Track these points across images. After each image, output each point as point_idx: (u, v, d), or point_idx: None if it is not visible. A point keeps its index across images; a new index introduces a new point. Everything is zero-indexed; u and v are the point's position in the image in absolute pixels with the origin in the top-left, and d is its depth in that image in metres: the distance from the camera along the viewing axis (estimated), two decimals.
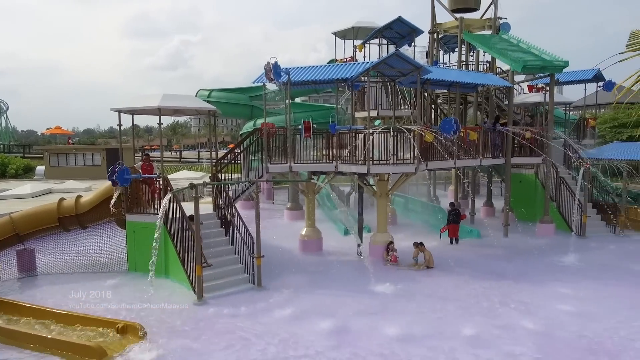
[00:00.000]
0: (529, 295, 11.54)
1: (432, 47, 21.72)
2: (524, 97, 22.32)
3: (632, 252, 15.67)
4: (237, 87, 29.28)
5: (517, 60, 16.72)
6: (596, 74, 21.21)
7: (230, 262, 12.55)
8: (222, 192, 13.83)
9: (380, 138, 13.97)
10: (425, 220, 19.89)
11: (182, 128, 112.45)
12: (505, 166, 18.14)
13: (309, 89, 22.75)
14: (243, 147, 14.91)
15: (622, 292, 11.75)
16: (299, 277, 13.02)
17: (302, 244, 16.03)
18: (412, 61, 14.15)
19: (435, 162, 15.22)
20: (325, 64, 20.20)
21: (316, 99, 49.64)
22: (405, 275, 13.23)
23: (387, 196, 15.26)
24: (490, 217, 21.58)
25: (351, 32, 24.20)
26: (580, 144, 20.80)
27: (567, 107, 24.89)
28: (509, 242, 17.02)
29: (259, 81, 15.14)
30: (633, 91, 4.40)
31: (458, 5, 20.96)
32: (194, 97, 16.47)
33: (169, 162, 48.18)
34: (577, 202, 17.51)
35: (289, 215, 21.86)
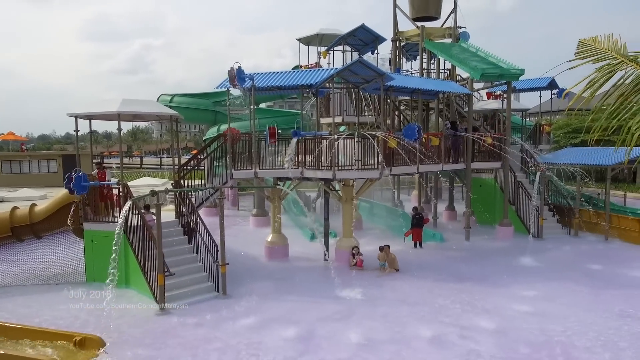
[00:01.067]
0: (489, 296, 11.85)
1: (395, 54, 22.12)
2: (482, 104, 23.04)
3: (586, 252, 16.38)
4: (200, 93, 28.90)
5: (476, 69, 17.24)
6: (550, 82, 22.14)
7: (193, 271, 12.29)
8: (185, 199, 13.56)
9: (345, 144, 14.09)
10: (389, 224, 20.14)
11: (143, 134, 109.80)
12: (466, 171, 18.63)
13: (273, 95, 22.70)
14: (207, 153, 14.70)
15: (577, 291, 12.24)
16: (265, 284, 12.91)
17: (267, 251, 15.91)
18: (375, 68, 14.36)
19: (399, 168, 15.46)
20: (290, 69, 20.25)
21: (281, 104, 49.61)
22: (371, 279, 13.33)
23: (352, 201, 15.37)
24: (452, 220, 22.08)
25: (315, 38, 24.37)
26: (537, 149, 21.61)
27: (523, 113, 25.86)
28: (471, 245, 17.45)
29: (222, 86, 14.99)
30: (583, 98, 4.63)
31: (419, 14, 21.44)
32: (155, 102, 16.12)
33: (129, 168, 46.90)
34: (534, 206, 18.16)
35: (255, 221, 21.66)
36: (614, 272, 13.83)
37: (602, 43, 4.62)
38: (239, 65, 13.34)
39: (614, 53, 4.53)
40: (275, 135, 14.30)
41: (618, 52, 4.53)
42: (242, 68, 13.43)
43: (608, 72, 4.49)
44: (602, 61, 4.55)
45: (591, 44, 4.67)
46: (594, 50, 4.61)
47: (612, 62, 4.49)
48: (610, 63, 4.49)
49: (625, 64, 4.47)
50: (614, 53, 4.53)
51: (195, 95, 28.73)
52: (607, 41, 4.61)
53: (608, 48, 4.56)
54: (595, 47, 4.61)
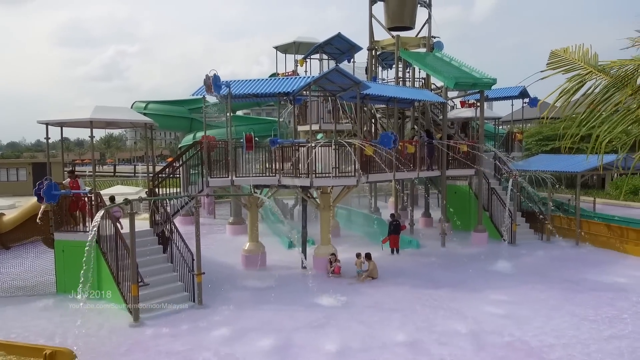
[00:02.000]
0: (465, 301, 12.01)
1: (371, 63, 22.36)
2: (457, 112, 23.46)
3: (558, 257, 16.78)
4: (176, 100, 28.61)
5: (450, 78, 17.57)
6: (522, 91, 22.72)
7: (168, 280, 12.08)
8: (159, 208, 13.34)
9: (323, 151, 14.13)
10: (367, 231, 20.24)
11: (116, 141, 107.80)
12: (441, 178, 18.90)
13: (250, 102, 22.63)
14: (182, 161, 14.52)
15: (550, 295, 12.51)
16: (242, 293, 12.77)
17: (244, 259, 15.76)
18: (351, 77, 14.48)
19: (376, 175, 15.58)
20: (267, 77, 20.24)
21: (259, 112, 49.47)
22: (349, 286, 13.35)
23: (330, 209, 15.39)
24: (428, 227, 22.33)
25: (292, 46, 24.44)
26: (509, 156, 22.10)
27: (496, 121, 26.42)
28: (446, 251, 17.68)
29: (198, 93, 14.88)
30: (559, 107, 4.78)
31: (394, 24, 21.75)
32: (129, 109, 15.86)
33: (102, 176, 45.89)
34: (507, 212, 18.53)
35: (231, 230, 21.45)
36: (585, 276, 14.19)
37: (573, 54, 4.78)
38: (215, 73, 13.26)
39: (583, 64, 4.69)
40: (252, 142, 14.24)
41: (588, 62, 4.69)
42: (218, 75, 13.36)
43: (578, 82, 4.65)
44: (572, 71, 4.70)
45: (562, 55, 4.82)
46: (564, 61, 4.77)
47: (581, 72, 4.65)
48: (580, 73, 4.65)
49: (595, 74, 4.63)
50: (583, 64, 4.69)
51: (170, 103, 28.41)
52: (578, 52, 4.77)
53: (578, 59, 4.72)
54: (566, 57, 4.77)
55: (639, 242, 16.84)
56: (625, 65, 4.52)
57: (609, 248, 17.52)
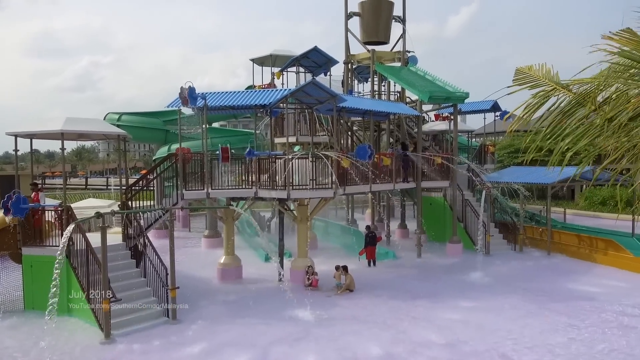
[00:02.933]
0: (441, 312, 12.10)
1: (347, 76, 22.60)
2: (431, 125, 23.87)
3: (531, 267, 17.11)
4: (150, 111, 28.30)
5: (424, 91, 17.89)
6: (493, 105, 23.30)
7: (141, 296, 11.79)
8: (132, 221, 13.07)
9: (300, 163, 14.14)
10: (344, 243, 20.26)
11: (88, 153, 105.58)
12: (416, 190, 19.12)
13: (227, 114, 22.55)
14: (156, 173, 14.31)
15: (524, 304, 12.71)
16: (217, 307, 12.57)
17: (220, 273, 15.54)
18: (328, 90, 14.61)
19: (352, 187, 15.65)
20: (244, 89, 20.22)
21: (235, 124, 49.27)
22: (326, 299, 13.29)
23: (307, 221, 15.37)
24: (404, 238, 22.49)
25: (269, 59, 24.55)
26: (482, 168, 22.55)
27: (469, 134, 26.97)
28: (422, 262, 17.82)
29: (173, 105, 14.74)
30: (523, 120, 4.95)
31: (369, 39, 22.09)
32: (102, 121, 15.62)
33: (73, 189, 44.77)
34: (481, 223, 18.85)
35: (207, 243, 21.16)
36: (558, 286, 14.49)
37: (537, 71, 4.98)
38: (190, 85, 13.19)
39: (547, 80, 4.88)
40: (228, 154, 14.15)
41: (551, 79, 4.89)
42: (193, 87, 13.28)
43: (542, 97, 4.83)
44: (537, 87, 4.89)
45: (527, 72, 5.02)
46: (529, 77, 4.96)
47: (546, 88, 4.84)
48: (544, 89, 4.83)
49: (558, 90, 4.82)
50: (547, 80, 4.88)
51: (145, 114, 28.06)
52: (542, 69, 4.97)
53: (542, 76, 4.92)
54: (530, 74, 4.97)
55: (607, 252, 17.33)
56: (586, 83, 4.73)
57: (580, 258, 17.97)
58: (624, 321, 11.31)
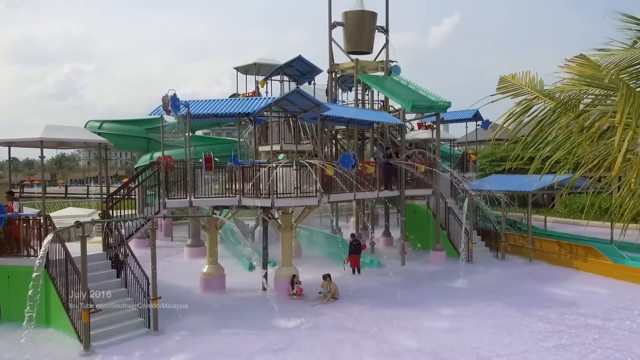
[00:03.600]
0: (425, 319, 12.14)
1: (331, 85, 22.72)
2: (414, 134, 24.10)
3: (513, 274, 17.29)
4: (132, 119, 27.96)
5: (407, 101, 18.07)
6: (475, 114, 23.65)
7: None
8: (113, 230, 12.86)
9: (284, 172, 14.11)
10: (329, 251, 20.22)
11: (68, 161, 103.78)
12: (400, 198, 19.23)
13: (210, 122, 22.41)
14: (138, 182, 14.12)
15: (507, 311, 12.83)
16: (200, 317, 12.40)
17: (203, 282, 15.35)
18: (312, 98, 14.65)
19: (337, 195, 15.67)
20: (228, 97, 20.16)
21: (219, 132, 49.03)
22: (311, 308, 13.22)
23: (291, 229, 15.31)
24: (388, 246, 22.55)
25: (253, 67, 24.52)
26: (464, 176, 22.80)
27: (451, 143, 27.29)
28: (406, 270, 17.88)
29: (156, 113, 14.61)
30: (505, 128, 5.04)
31: (353, 49, 22.27)
32: (83, 129, 15.39)
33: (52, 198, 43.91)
34: (464, 230, 19.02)
35: (189, 252, 20.90)
36: (539, 292, 14.67)
37: (521, 79, 5.07)
38: (173, 93, 13.10)
39: (530, 89, 4.98)
40: (211, 163, 14.06)
41: (534, 87, 4.98)
42: (176, 95, 13.19)
43: (525, 106, 4.92)
44: (520, 96, 4.98)
45: (510, 81, 5.11)
46: (512, 86, 5.05)
47: (528, 97, 4.93)
48: (527, 98, 4.93)
49: (540, 99, 4.92)
50: (530, 89, 4.98)
51: (126, 122, 27.72)
52: (525, 77, 5.06)
53: (526, 84, 5.01)
54: (514, 83, 5.06)
55: (587, 259, 17.63)
56: (567, 91, 4.83)
57: (560, 264, 18.23)
58: (604, 326, 11.49)
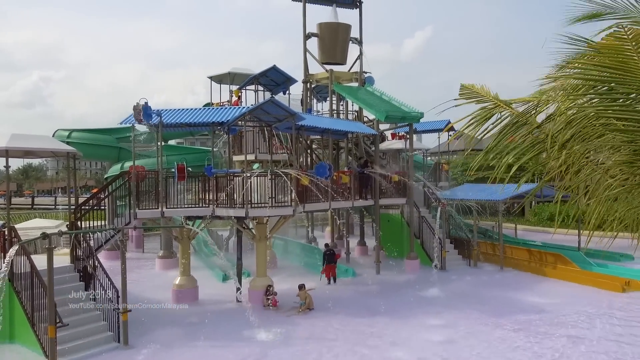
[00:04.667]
0: (400, 328, 12.19)
1: (306, 95, 22.80)
2: (388, 144, 24.37)
3: (485, 281, 17.57)
4: (102, 128, 27.42)
5: (381, 111, 18.30)
6: (447, 124, 24.07)
7: (90, 320, 11.22)
8: (81, 242, 12.50)
9: (258, 181, 14.04)
10: (304, 261, 20.14)
11: (35, 171, 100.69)
12: (374, 207, 19.37)
13: (184, 132, 22.17)
14: (108, 192, 13.80)
15: (480, 318, 13.01)
16: (171, 330, 12.12)
17: (175, 295, 15.03)
18: (286, 108, 14.67)
19: (312, 204, 15.66)
20: (202, 107, 19.99)
21: (192, 141, 48.53)
22: (286, 319, 13.11)
23: (266, 239, 15.19)
24: (364, 255, 22.64)
25: (227, 77, 24.41)
26: (437, 186, 23.15)
27: (424, 153, 27.69)
28: (381, 279, 17.95)
29: (127, 122, 14.36)
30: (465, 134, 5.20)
31: (327, 60, 22.45)
32: (50, 138, 14.95)
33: (18, 209, 42.45)
34: (437, 239, 19.26)
35: (161, 264, 20.48)
36: (511, 299, 14.93)
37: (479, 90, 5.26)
38: (145, 101, 12.92)
39: (491, 98, 5.14)
40: (184, 172, 13.87)
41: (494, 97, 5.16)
42: (148, 104, 13.01)
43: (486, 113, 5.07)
44: (482, 103, 5.14)
45: (471, 89, 5.28)
46: (473, 93, 5.22)
47: (489, 105, 5.10)
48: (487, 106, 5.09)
49: (501, 107, 5.09)
50: (491, 98, 5.14)
51: (96, 131, 27.15)
52: (482, 89, 5.26)
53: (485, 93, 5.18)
54: (474, 91, 5.22)
55: (556, 266, 18.08)
56: (527, 102, 5.01)
57: (530, 272, 18.62)
58: (574, 334, 11.75)
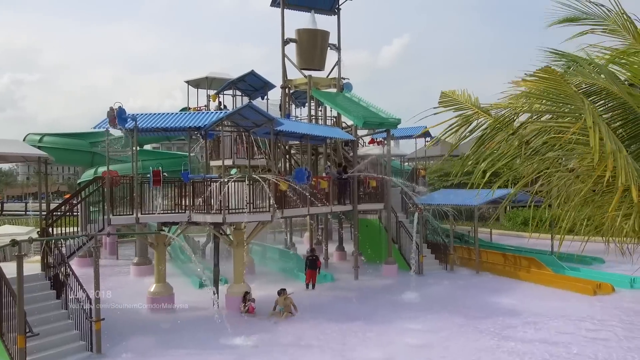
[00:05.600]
0: (379, 332, 12.24)
1: (284, 101, 22.79)
2: (366, 150, 24.52)
3: (462, 285, 17.78)
4: (76, 132, 26.85)
5: (359, 117, 18.42)
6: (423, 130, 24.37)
7: (62, 329, 10.90)
8: (53, 249, 12.16)
9: (236, 187, 13.92)
10: (282, 267, 20.04)
11: (5, 177, 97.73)
12: (353, 212, 19.43)
13: (160, 136, 21.88)
14: (81, 197, 13.48)
15: (457, 321, 13.14)
16: (146, 338, 11.87)
17: (150, 302, 14.74)
18: (264, 113, 14.64)
19: (290, 210, 15.62)
20: (178, 111, 19.76)
21: (169, 146, 47.91)
22: (264, 325, 12.99)
23: (243, 245, 15.06)
24: (342, 260, 22.66)
25: (205, 81, 24.22)
26: (414, 191, 23.38)
27: (402, 158, 27.96)
28: (360, 284, 18.00)
29: (101, 126, 14.08)
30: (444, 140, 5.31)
31: (305, 66, 22.53)
32: (21, 142, 14.61)
33: None
34: (414, 244, 19.43)
35: (136, 271, 20.07)
36: (487, 302, 15.15)
37: (460, 96, 5.36)
38: (120, 106, 12.70)
39: (469, 104, 5.24)
40: (159, 177, 13.66)
41: (473, 104, 5.26)
42: (123, 108, 12.80)
43: (464, 119, 5.17)
44: (461, 110, 5.24)
45: (451, 96, 5.38)
46: (453, 101, 5.32)
47: (467, 112, 5.20)
48: (466, 113, 5.19)
49: (479, 114, 5.19)
50: (469, 104, 5.24)
51: (69, 135, 26.58)
52: (463, 95, 5.35)
53: (465, 100, 5.29)
54: (454, 98, 5.32)
55: (530, 269, 18.44)
56: (503, 108, 5.14)
57: (505, 275, 18.94)
58: (547, 335, 12.00)
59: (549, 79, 4.41)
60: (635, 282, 16.08)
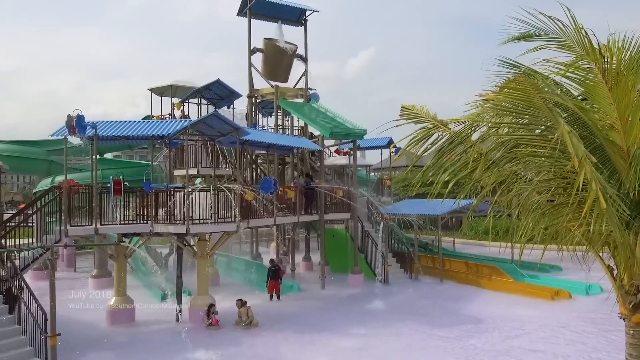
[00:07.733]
0: (343, 341, 12.24)
1: (251, 110, 22.70)
2: (333, 160, 24.68)
3: (426, 294, 18.03)
4: (32, 140, 25.79)
5: (326, 127, 18.55)
6: (389, 141, 24.77)
7: (14, 345, 10.33)
8: (5, 261, 11.58)
9: (201, 196, 13.70)
10: (248, 278, 19.79)
11: None
12: (320, 222, 19.45)
13: (121, 145, 21.33)
14: (37, 207, 12.94)
15: (418, 328, 13.33)
16: (104, 353, 11.48)
17: (110, 316, 14.24)
18: (230, 122, 14.52)
19: (256, 220, 15.48)
20: (141, 119, 19.33)
21: (131, 155, 46.74)
22: (228, 338, 12.75)
23: (207, 256, 14.79)
24: (309, 270, 22.59)
25: (169, 89, 23.81)
26: (380, 201, 23.65)
27: (367, 169, 28.27)
28: (326, 294, 17.97)
29: (59, 134, 13.58)
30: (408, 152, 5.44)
31: (270, 78, 22.54)
32: None
33: None
34: (380, 253, 19.59)
35: (95, 283, 19.34)
36: (450, 310, 15.41)
37: (419, 110, 5.54)
38: (79, 113, 12.31)
39: (429, 118, 5.41)
40: (120, 187, 13.28)
41: (432, 118, 5.43)
42: (82, 115, 12.41)
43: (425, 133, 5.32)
44: (421, 123, 5.40)
45: (411, 109, 5.54)
46: (413, 114, 5.47)
47: (428, 125, 5.37)
48: (427, 126, 5.36)
49: (439, 127, 5.36)
50: (429, 118, 5.41)
51: (25, 143, 25.51)
52: (422, 109, 5.54)
53: (424, 114, 5.46)
54: (414, 112, 5.48)
55: (491, 277, 18.90)
56: (462, 122, 5.32)
57: (468, 283, 19.32)
58: (508, 341, 12.29)
59: (519, 90, 4.56)
60: (590, 289, 16.73)
